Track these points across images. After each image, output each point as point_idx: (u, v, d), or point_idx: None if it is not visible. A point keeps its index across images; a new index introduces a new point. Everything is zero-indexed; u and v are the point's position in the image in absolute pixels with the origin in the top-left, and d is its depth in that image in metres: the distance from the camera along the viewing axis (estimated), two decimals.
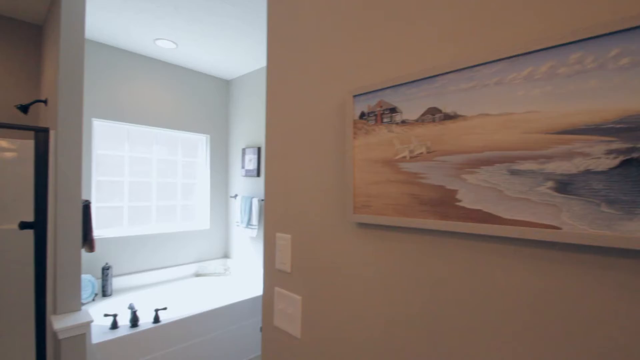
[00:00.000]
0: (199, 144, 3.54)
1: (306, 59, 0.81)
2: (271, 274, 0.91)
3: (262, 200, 3.14)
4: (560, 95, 0.41)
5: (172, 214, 3.32)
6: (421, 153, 0.54)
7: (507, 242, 0.47)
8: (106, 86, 2.79)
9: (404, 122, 0.56)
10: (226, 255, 3.66)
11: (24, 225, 1.74)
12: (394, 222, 0.57)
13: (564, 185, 0.41)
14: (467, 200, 0.49)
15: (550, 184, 0.42)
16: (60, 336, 1.62)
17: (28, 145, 2.25)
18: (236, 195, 3.45)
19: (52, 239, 1.75)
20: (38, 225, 1.75)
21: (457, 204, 0.50)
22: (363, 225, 0.65)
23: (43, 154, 1.74)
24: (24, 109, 1.89)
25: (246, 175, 3.37)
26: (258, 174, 3.24)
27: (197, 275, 3.39)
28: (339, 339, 0.71)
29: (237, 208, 3.42)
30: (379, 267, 0.63)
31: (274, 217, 0.90)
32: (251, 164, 3.30)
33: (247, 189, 3.41)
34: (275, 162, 0.90)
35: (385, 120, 0.59)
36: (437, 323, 0.54)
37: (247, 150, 3.36)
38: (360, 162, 0.63)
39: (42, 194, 1.74)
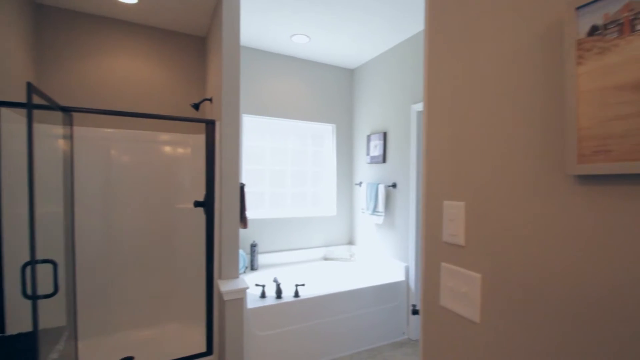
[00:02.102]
0: (325, 134, 3.69)
1: None
2: (435, 248, 0.81)
3: (389, 186, 3.05)
4: None
5: (303, 200, 3.56)
6: None
7: None
8: (251, 85, 3.17)
9: None
10: (351, 242, 3.73)
11: (197, 204, 2.10)
12: None
13: None
14: None
15: None
16: (226, 297, 1.89)
17: (198, 139, 2.73)
18: (361, 183, 3.47)
19: (218, 215, 2.07)
20: (208, 204, 2.08)
21: None
22: (592, 180, 0.49)
23: (211, 143, 2.06)
24: (196, 106, 2.29)
25: (371, 162, 3.34)
26: (384, 160, 3.17)
27: (325, 259, 3.55)
28: (536, 334, 0.56)
29: (362, 195, 3.43)
30: (621, 239, 0.46)
31: (440, 184, 0.80)
32: (376, 150, 3.25)
33: (372, 176, 3.38)
34: (440, 121, 0.80)
35: (639, 27, 0.42)
36: None
37: (372, 137, 3.32)
38: (589, 94, 0.47)
39: (211, 178, 2.07)
